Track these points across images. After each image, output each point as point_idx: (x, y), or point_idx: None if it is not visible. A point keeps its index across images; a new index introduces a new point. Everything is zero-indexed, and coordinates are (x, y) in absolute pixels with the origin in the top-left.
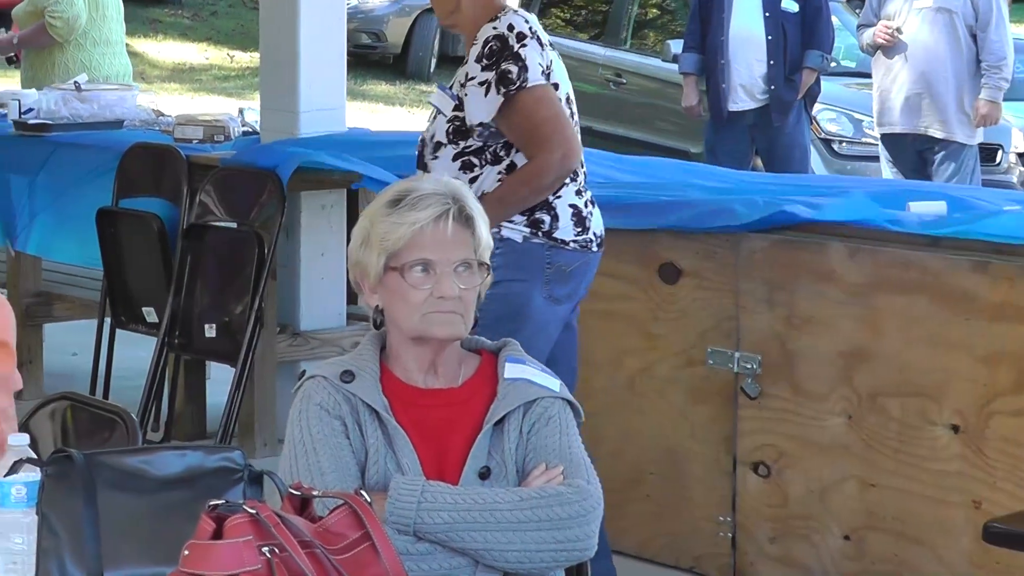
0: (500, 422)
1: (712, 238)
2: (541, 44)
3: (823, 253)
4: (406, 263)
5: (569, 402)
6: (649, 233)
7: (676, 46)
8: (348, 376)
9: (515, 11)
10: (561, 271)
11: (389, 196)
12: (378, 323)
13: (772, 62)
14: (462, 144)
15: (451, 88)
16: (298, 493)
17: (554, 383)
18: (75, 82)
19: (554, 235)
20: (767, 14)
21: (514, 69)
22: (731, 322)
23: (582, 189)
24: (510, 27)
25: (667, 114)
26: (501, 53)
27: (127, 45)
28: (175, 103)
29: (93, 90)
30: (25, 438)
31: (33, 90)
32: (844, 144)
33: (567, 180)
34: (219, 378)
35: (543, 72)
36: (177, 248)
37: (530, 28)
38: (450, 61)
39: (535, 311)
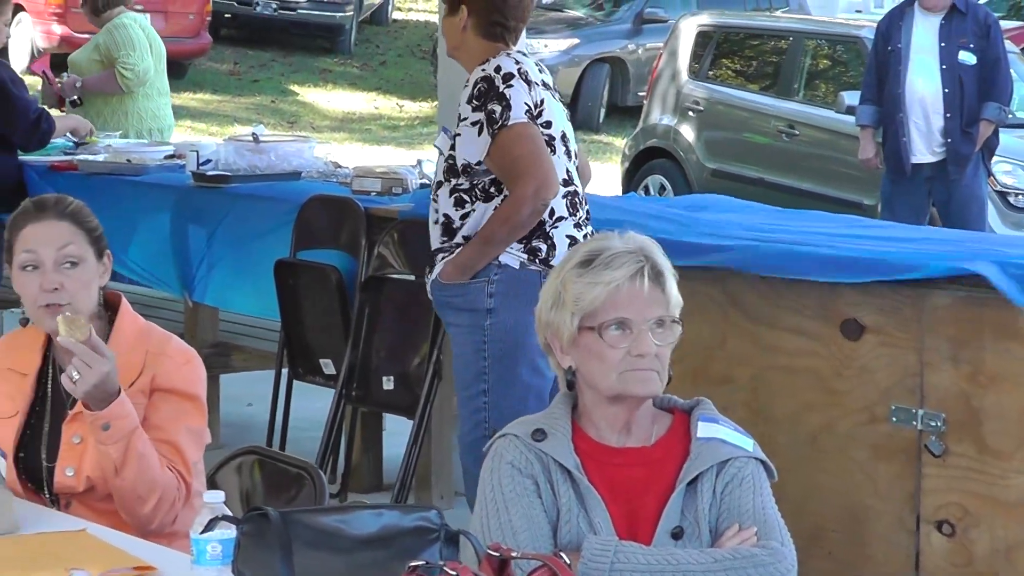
0: (693, 482)
1: (895, 294)
2: (529, 84)
3: (1009, 310)
4: (603, 323)
5: (762, 462)
6: (831, 289)
7: (849, 98)
8: (540, 435)
9: (508, 53)
10: None
11: (580, 256)
12: (570, 384)
13: (949, 115)
14: (454, 181)
15: (448, 131)
16: (496, 554)
17: (747, 442)
18: (253, 133)
19: (551, 263)
20: (944, 66)
21: (498, 108)
22: (915, 379)
23: (581, 223)
24: (497, 68)
25: (840, 166)
26: (487, 94)
27: (298, 94)
28: (344, 153)
29: (271, 141)
30: (221, 495)
31: (211, 141)
32: (1020, 196)
33: (565, 214)
34: (395, 430)
35: (528, 111)
36: (355, 300)
37: (519, 69)
38: (619, 111)
39: (532, 340)
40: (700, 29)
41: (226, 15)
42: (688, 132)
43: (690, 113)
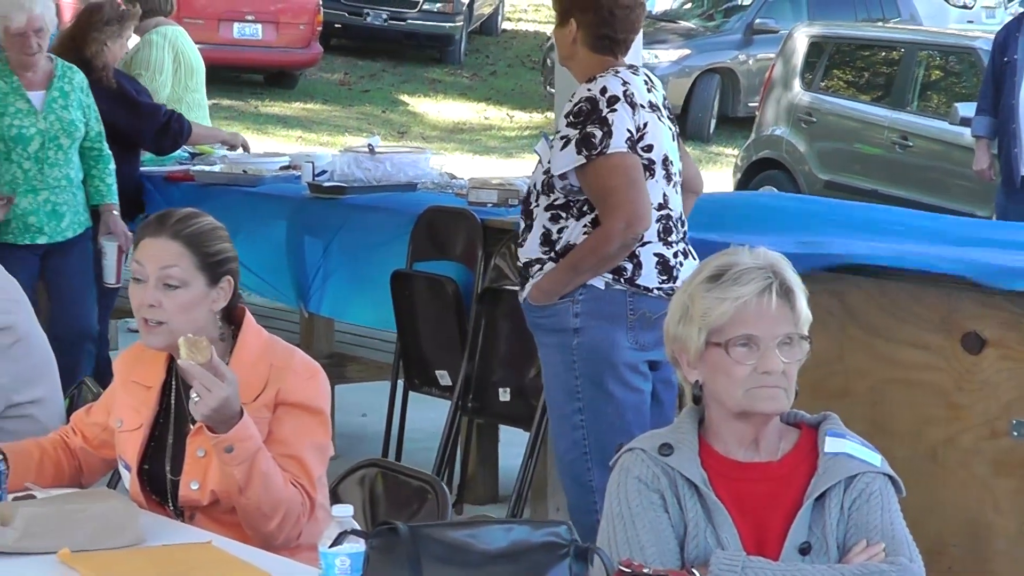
0: (821, 497)
1: (1017, 308)
2: (634, 107)
3: None
4: (730, 339)
5: (890, 477)
6: (952, 302)
7: (964, 109)
8: (667, 449)
9: (617, 71)
10: (645, 318)
11: (708, 271)
12: (697, 398)
13: None
14: (552, 196)
15: (550, 139)
16: (628, 570)
17: (875, 457)
18: (369, 144)
19: (636, 282)
20: None
21: (598, 133)
22: None
23: (673, 241)
24: (603, 90)
25: (954, 177)
26: (589, 115)
27: (407, 104)
28: (454, 163)
29: (386, 152)
30: (349, 509)
31: (327, 152)
32: None
33: (654, 239)
34: (510, 441)
35: (629, 137)
36: (471, 311)
37: (625, 91)
38: (730, 122)
39: (621, 357)
40: (812, 40)
41: (336, 25)
42: (800, 143)
43: (802, 124)
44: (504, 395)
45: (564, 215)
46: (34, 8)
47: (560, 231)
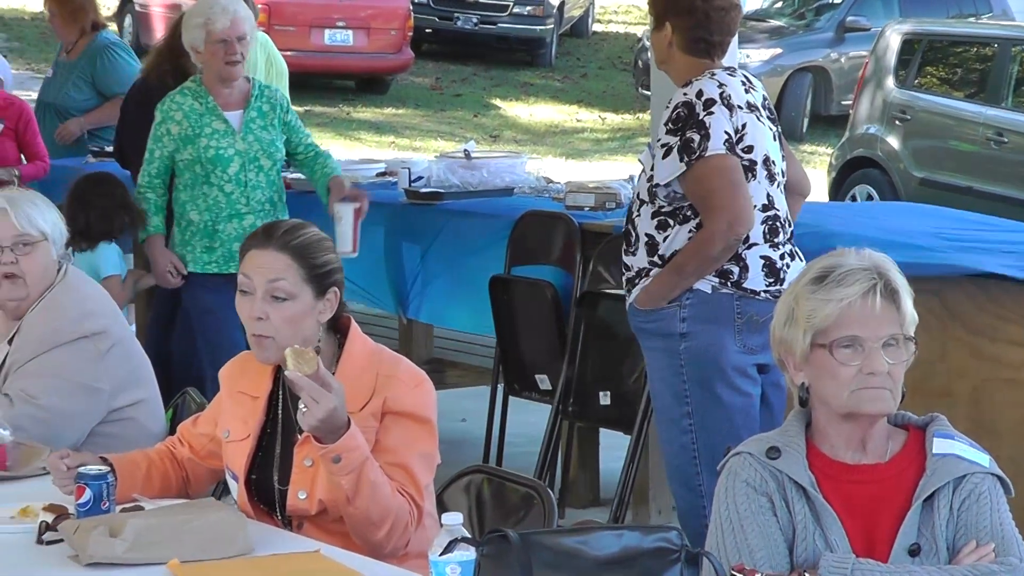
0: (930, 499)
1: None
2: (731, 108)
3: None
4: (834, 340)
5: (999, 477)
6: None
7: None
8: (774, 452)
9: (713, 74)
10: (753, 321)
11: (813, 273)
12: (804, 400)
13: None
14: (657, 203)
15: (652, 148)
16: (740, 575)
17: (983, 458)
18: (465, 150)
19: (743, 285)
20: None
21: (696, 137)
22: None
23: (780, 243)
24: (699, 94)
25: None
26: (687, 120)
27: (499, 108)
28: (547, 166)
29: (482, 157)
30: (459, 517)
31: (421, 158)
32: None
33: (760, 240)
34: (610, 444)
35: (727, 139)
36: (570, 315)
37: (722, 93)
38: (822, 120)
39: (729, 361)
40: (905, 37)
41: (427, 30)
42: (895, 141)
43: (896, 122)
44: (604, 399)
45: (670, 222)
46: (238, 11)
47: (665, 239)
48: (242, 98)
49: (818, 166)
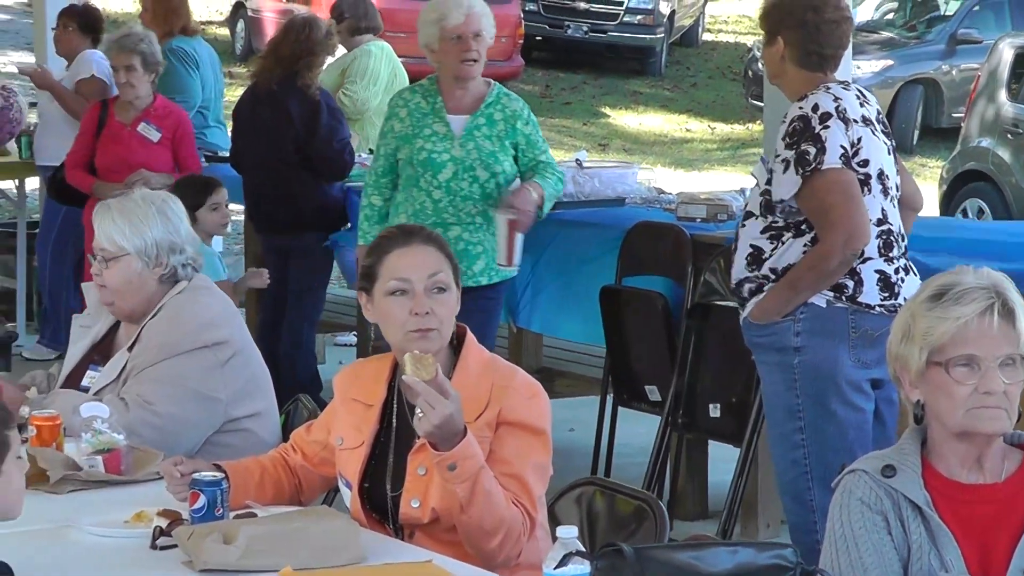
0: None
1: None
2: (847, 122)
3: None
4: (951, 358)
5: None
6: None
7: None
8: (889, 471)
9: (828, 88)
10: (867, 335)
11: (931, 290)
12: (919, 418)
13: None
14: (770, 218)
15: (767, 162)
16: None
17: None
18: (576, 159)
19: (858, 299)
20: None
21: (812, 151)
22: None
23: (895, 257)
24: (815, 107)
25: None
26: (803, 134)
27: (608, 116)
28: (656, 176)
29: (594, 167)
30: (574, 530)
31: None
32: None
33: (875, 255)
34: (719, 456)
35: (843, 153)
36: (681, 327)
37: (837, 107)
38: (933, 133)
39: (843, 375)
40: (1018, 51)
41: (537, 38)
42: (1007, 155)
43: (1009, 135)
44: (714, 411)
45: (784, 235)
46: (473, 6)
47: (774, 251)
48: (474, 102)
49: (928, 179)
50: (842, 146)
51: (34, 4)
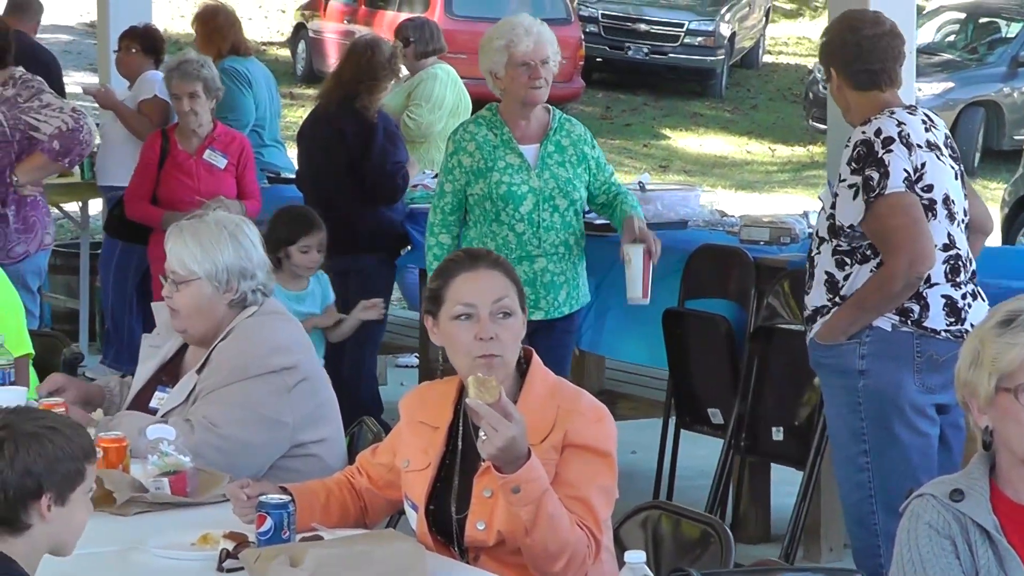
0: None
1: None
2: (910, 147)
3: None
4: (1020, 385)
5: None
6: None
7: None
8: (958, 495)
9: (892, 112)
10: (932, 360)
11: (1000, 316)
12: (987, 444)
13: None
14: (835, 242)
15: (832, 186)
16: None
17: None
18: (639, 182)
19: (923, 324)
20: None
21: (875, 175)
22: None
23: (962, 282)
24: (877, 132)
25: None
26: (866, 159)
27: (669, 138)
28: (717, 198)
29: (656, 190)
30: (642, 556)
31: None
32: None
33: (941, 280)
34: (781, 479)
35: (907, 177)
36: (744, 350)
37: (900, 132)
38: (995, 155)
39: (908, 399)
40: None
41: (598, 59)
42: None
43: None
44: (777, 434)
45: (849, 260)
46: (542, 32)
47: (846, 277)
48: (540, 130)
49: (990, 201)
50: (905, 170)
51: (98, 25)
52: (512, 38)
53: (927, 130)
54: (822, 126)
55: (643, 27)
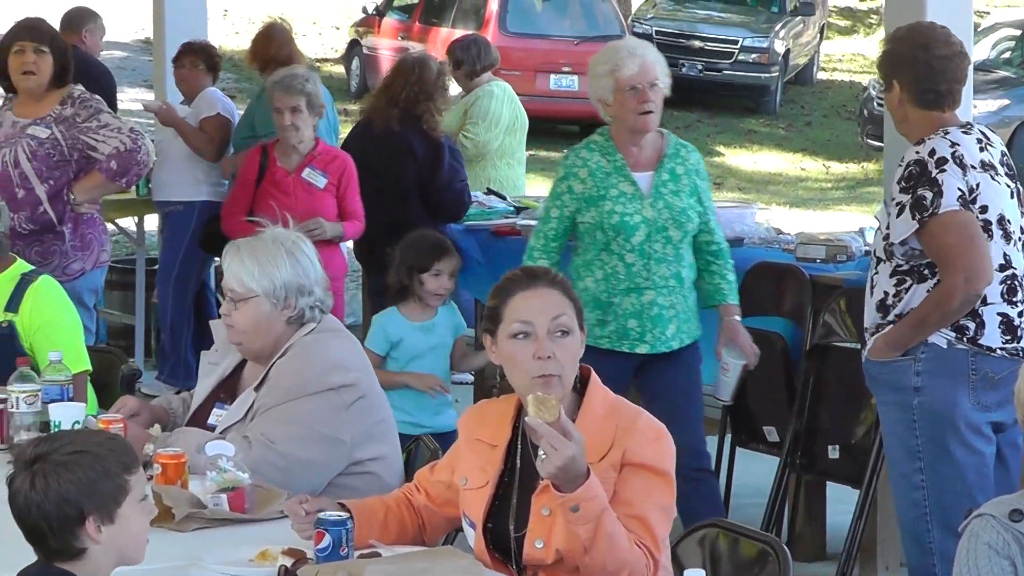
0: None
1: None
2: (964, 168)
3: None
4: None
5: None
6: None
7: None
8: (1017, 515)
9: (946, 132)
10: (988, 378)
11: None
12: None
13: None
14: (894, 262)
15: (887, 205)
16: None
17: None
18: None
19: (979, 342)
20: None
21: (928, 195)
22: None
23: (1018, 301)
24: (931, 152)
25: None
26: (919, 178)
27: (723, 155)
28: (771, 215)
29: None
30: (701, 573)
31: None
32: None
33: (998, 299)
34: (836, 497)
35: (961, 196)
36: (800, 368)
37: (954, 152)
38: None
39: (963, 417)
40: None
41: None
42: None
43: None
44: (833, 452)
45: (907, 280)
46: (647, 55)
47: (898, 296)
48: (655, 156)
49: None
50: (959, 189)
51: (154, 42)
52: (616, 62)
53: (982, 149)
54: (877, 143)
55: (697, 44)
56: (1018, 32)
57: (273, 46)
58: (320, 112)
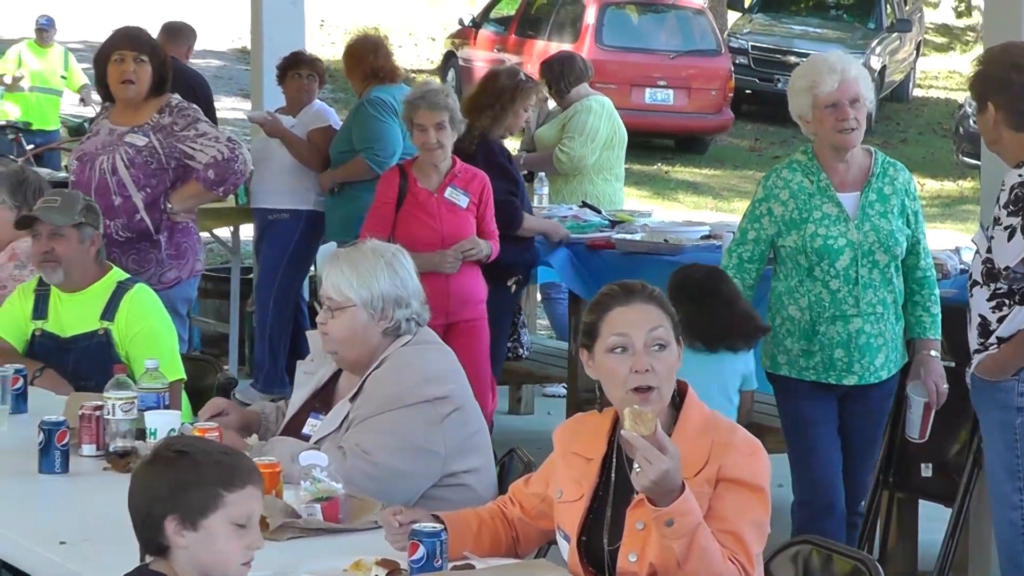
0: None
1: None
2: None
3: None
4: None
5: None
6: None
7: None
8: None
9: None
10: None
11: None
12: None
13: None
14: (994, 286)
15: (987, 229)
16: None
17: None
18: None
19: None
20: None
21: None
22: None
23: None
24: None
25: None
26: None
27: None
28: None
29: None
30: None
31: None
32: None
33: None
34: (929, 515)
35: None
36: (895, 386)
37: None
38: None
39: None
40: None
41: (747, 91)
42: None
43: None
44: (926, 470)
45: (1008, 302)
46: (848, 69)
47: (1000, 320)
48: (861, 176)
49: None
50: None
51: (252, 52)
52: (815, 78)
53: None
54: (972, 161)
55: (793, 59)
56: None
57: (379, 57)
58: (460, 128)
